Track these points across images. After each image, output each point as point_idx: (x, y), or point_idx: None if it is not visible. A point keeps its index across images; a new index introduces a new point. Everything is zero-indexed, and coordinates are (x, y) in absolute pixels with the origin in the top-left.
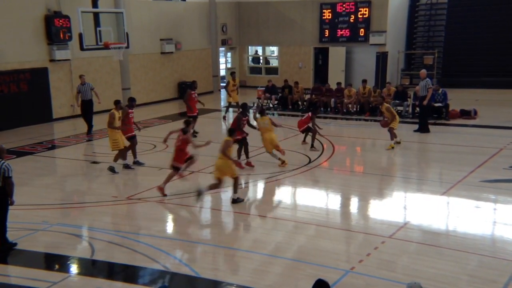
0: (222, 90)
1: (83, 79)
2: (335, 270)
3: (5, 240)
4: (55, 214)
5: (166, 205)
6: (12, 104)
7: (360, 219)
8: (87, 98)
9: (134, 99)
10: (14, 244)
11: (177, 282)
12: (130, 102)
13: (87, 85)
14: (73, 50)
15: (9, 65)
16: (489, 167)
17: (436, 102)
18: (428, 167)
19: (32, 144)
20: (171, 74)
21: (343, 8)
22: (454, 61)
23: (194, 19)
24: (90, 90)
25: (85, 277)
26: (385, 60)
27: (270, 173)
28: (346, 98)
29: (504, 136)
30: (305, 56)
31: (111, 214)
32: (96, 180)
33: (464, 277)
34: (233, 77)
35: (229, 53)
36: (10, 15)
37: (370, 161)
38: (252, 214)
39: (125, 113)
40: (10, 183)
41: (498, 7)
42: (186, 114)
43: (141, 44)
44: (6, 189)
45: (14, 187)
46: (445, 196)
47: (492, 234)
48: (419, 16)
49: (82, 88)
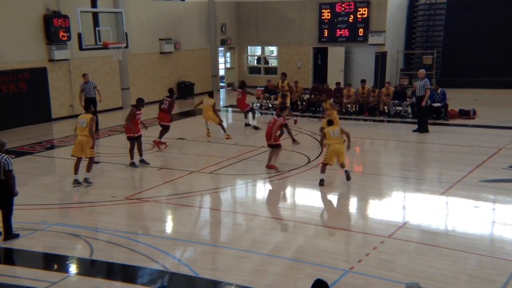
0: (221, 90)
1: (87, 77)
2: (334, 270)
3: (10, 230)
4: (54, 214)
5: (165, 205)
6: (11, 104)
7: (359, 219)
8: (90, 96)
9: (142, 99)
10: (17, 235)
11: (176, 282)
12: (138, 102)
13: (90, 84)
14: (72, 50)
15: (8, 65)
16: (488, 167)
17: (435, 102)
18: (427, 167)
19: (31, 144)
20: (171, 74)
21: (342, 8)
22: (453, 61)
23: (193, 19)
24: (93, 88)
25: (84, 277)
26: (384, 60)
27: (270, 173)
28: (345, 98)
29: (503, 136)
30: (304, 56)
31: (110, 214)
32: (95, 180)
33: (463, 276)
34: (282, 79)
35: (228, 53)
36: (9, 15)
37: (369, 161)
38: (251, 214)
39: (133, 113)
40: (11, 176)
41: (497, 7)
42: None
43: (140, 44)
44: (8, 182)
45: (15, 180)
46: (444, 196)
47: (491, 233)
48: (418, 16)
49: (86, 86)
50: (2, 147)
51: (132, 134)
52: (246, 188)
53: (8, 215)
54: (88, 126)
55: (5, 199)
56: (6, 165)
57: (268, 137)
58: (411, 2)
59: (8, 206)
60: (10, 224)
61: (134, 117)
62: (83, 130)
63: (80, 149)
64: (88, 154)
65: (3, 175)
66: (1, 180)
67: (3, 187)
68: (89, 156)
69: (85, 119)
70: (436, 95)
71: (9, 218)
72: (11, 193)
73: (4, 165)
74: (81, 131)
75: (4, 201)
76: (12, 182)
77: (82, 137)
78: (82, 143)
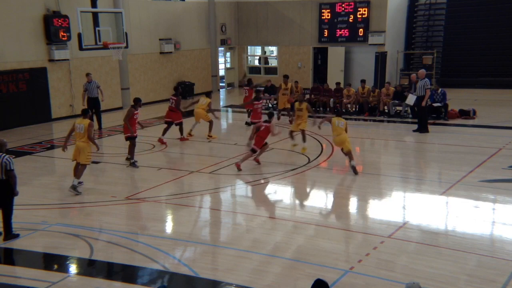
0: (221, 90)
1: (90, 77)
2: (334, 270)
3: (10, 230)
4: (54, 214)
5: (165, 205)
6: (11, 104)
7: (359, 219)
8: (93, 96)
9: (139, 99)
10: (17, 235)
11: (176, 282)
12: (136, 102)
13: (93, 83)
14: (72, 50)
15: (8, 65)
16: (488, 167)
17: (435, 102)
18: (427, 167)
19: (31, 144)
20: (170, 74)
21: (342, 8)
22: (453, 61)
23: (193, 19)
24: (96, 88)
25: (84, 277)
26: (384, 60)
27: (269, 173)
28: (345, 98)
29: (503, 136)
30: (304, 56)
31: (110, 214)
32: (95, 180)
33: (463, 276)
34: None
35: (228, 53)
36: (9, 14)
37: (369, 161)
38: (251, 214)
39: (131, 113)
40: (12, 176)
41: (497, 7)
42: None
43: (140, 44)
44: (9, 182)
45: (17, 179)
46: (444, 196)
47: (491, 234)
48: (418, 16)
49: (89, 86)
50: (3, 147)
51: (130, 134)
52: (246, 188)
53: (9, 215)
54: (86, 133)
55: (6, 198)
56: (8, 164)
57: (259, 143)
58: (411, 2)
59: (8, 206)
60: (10, 224)
61: (132, 117)
62: (81, 136)
63: (78, 154)
64: (83, 160)
65: (4, 174)
66: (2, 180)
67: (4, 187)
68: (83, 162)
69: (82, 125)
70: (436, 95)
71: (10, 218)
72: (11, 192)
73: (6, 164)
74: (80, 137)
75: (4, 200)
76: (13, 182)
77: (80, 143)
78: (79, 148)
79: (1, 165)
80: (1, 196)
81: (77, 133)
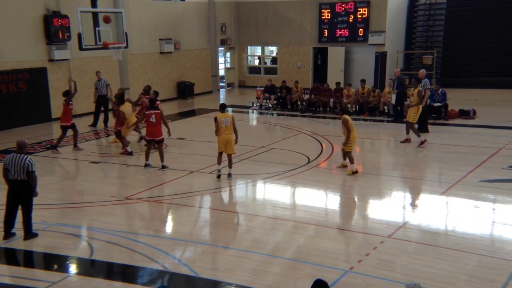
0: (221, 90)
1: (99, 75)
2: (334, 270)
3: (30, 230)
4: (54, 214)
5: (165, 205)
6: (11, 104)
7: (359, 219)
8: (102, 94)
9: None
10: (36, 234)
11: (176, 282)
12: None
13: (103, 81)
14: (72, 50)
15: (8, 65)
16: (488, 167)
17: (435, 102)
18: (427, 167)
19: (31, 144)
20: (170, 74)
21: (342, 8)
22: (453, 61)
23: (193, 19)
24: (106, 86)
25: (84, 277)
26: (384, 60)
27: (269, 173)
28: (345, 98)
29: (503, 136)
30: (304, 56)
31: (110, 214)
32: (95, 180)
33: (463, 276)
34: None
35: (228, 53)
36: (9, 14)
37: (369, 161)
38: (251, 214)
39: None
40: (34, 177)
41: (497, 7)
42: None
43: (140, 44)
44: (30, 183)
45: (37, 180)
46: (444, 196)
47: (491, 234)
48: (418, 16)
49: (99, 84)
50: (24, 148)
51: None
52: (246, 188)
53: (28, 215)
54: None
55: (26, 199)
56: (29, 166)
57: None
58: (411, 2)
59: (28, 206)
60: (31, 224)
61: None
62: (229, 129)
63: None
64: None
65: (26, 175)
66: (24, 180)
67: (25, 187)
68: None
69: (228, 119)
70: (436, 95)
71: (30, 217)
72: (32, 193)
73: (28, 166)
74: (228, 130)
75: (25, 201)
76: (34, 183)
77: (229, 136)
78: (227, 140)
79: (23, 167)
80: (21, 196)
81: (223, 127)
